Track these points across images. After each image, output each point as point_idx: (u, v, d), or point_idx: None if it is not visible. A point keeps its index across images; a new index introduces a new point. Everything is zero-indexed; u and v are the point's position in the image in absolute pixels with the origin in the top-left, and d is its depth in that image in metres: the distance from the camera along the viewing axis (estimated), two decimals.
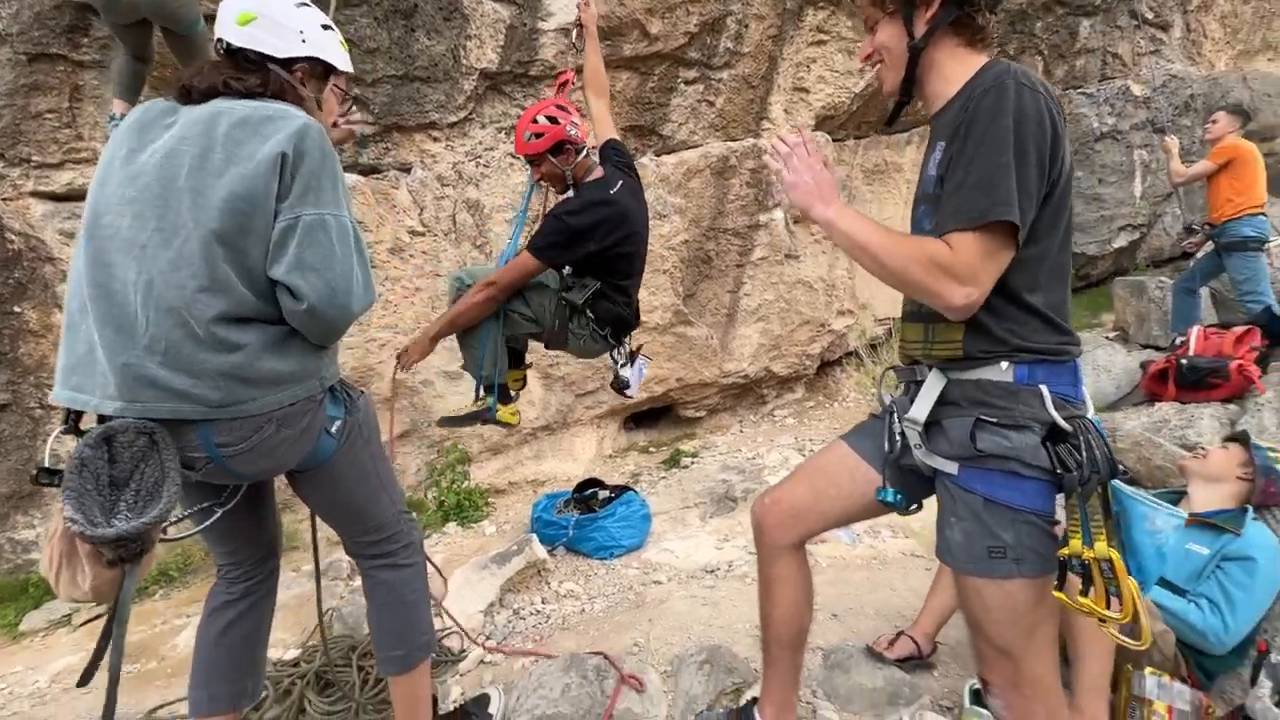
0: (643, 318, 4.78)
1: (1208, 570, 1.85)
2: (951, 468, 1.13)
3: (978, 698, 1.71)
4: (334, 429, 1.37)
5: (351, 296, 1.25)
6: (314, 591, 2.64)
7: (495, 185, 4.06)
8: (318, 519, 1.67)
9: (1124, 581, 0.95)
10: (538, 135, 2.20)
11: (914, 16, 1.14)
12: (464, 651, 2.34)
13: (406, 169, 3.86)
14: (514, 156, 4.13)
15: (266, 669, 2.23)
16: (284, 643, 2.56)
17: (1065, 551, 1.01)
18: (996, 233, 1.01)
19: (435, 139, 3.90)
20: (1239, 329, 3.75)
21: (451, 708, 1.96)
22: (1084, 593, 0.99)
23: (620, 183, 2.24)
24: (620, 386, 2.55)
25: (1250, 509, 1.94)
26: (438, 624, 2.58)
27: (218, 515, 1.39)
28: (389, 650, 1.55)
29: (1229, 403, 3.35)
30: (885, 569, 2.79)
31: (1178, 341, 4.00)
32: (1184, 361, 3.61)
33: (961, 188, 1.03)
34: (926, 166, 1.18)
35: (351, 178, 3.66)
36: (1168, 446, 2.58)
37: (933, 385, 1.16)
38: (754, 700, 1.57)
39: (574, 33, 2.63)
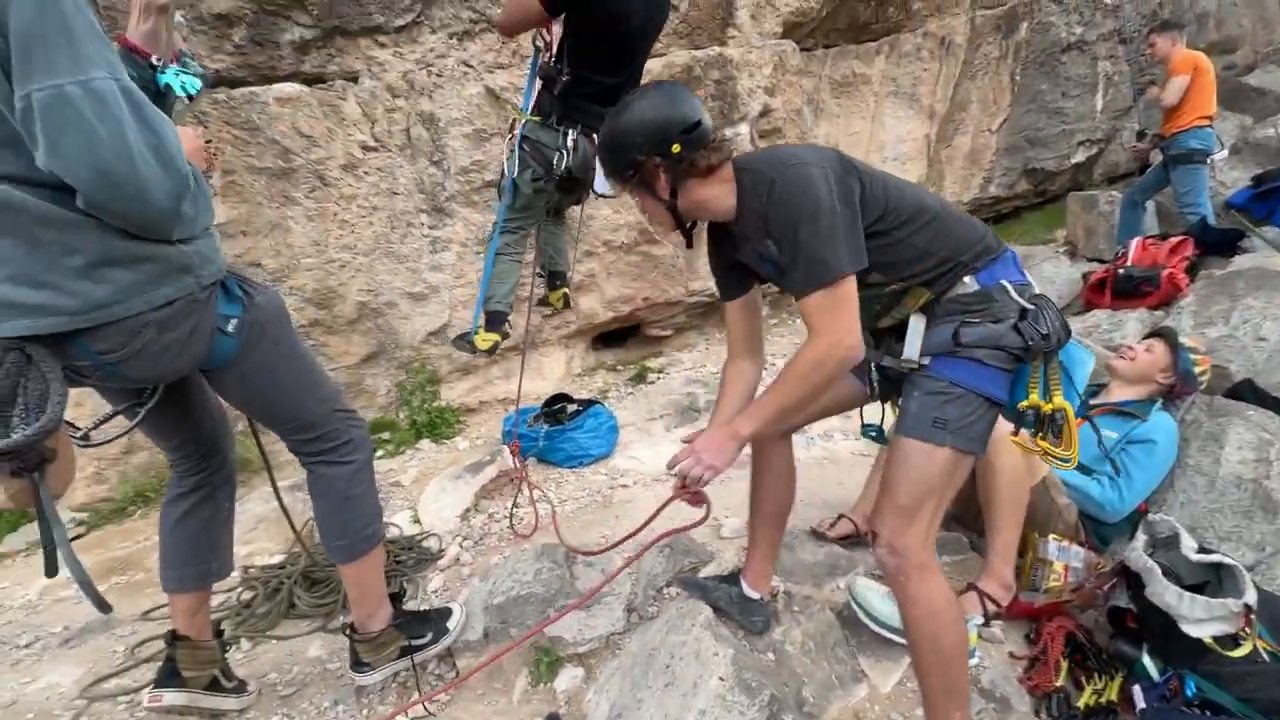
0: (608, 238, 4.76)
1: (1114, 451, 2.07)
2: (926, 360, 1.35)
3: None
4: (230, 328, 1.31)
5: (142, 184, 1.07)
6: (294, 505, 2.75)
7: (450, 97, 3.88)
8: (266, 435, 1.64)
9: (1073, 427, 1.21)
10: None
11: (654, 189, 1.39)
12: (441, 551, 2.50)
13: (353, 78, 3.65)
14: (467, 65, 3.94)
15: (255, 573, 2.36)
16: (269, 551, 2.68)
17: (1025, 404, 1.25)
18: (849, 278, 1.26)
19: (382, 45, 3.68)
20: (1175, 239, 3.94)
21: (423, 605, 2.12)
22: (1042, 437, 1.24)
23: None
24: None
25: (1159, 400, 2.15)
26: (416, 530, 2.73)
27: (141, 415, 1.39)
28: (332, 540, 1.61)
29: (1158, 309, 3.58)
30: (836, 467, 3.01)
31: (1119, 253, 4.20)
32: (1121, 271, 3.81)
33: (806, 259, 1.26)
34: (768, 256, 1.37)
35: (294, 87, 3.46)
36: (1096, 349, 2.78)
37: (917, 326, 1.37)
38: (738, 569, 1.80)
39: None
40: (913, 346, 1.36)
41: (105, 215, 1.11)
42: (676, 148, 1.35)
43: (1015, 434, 1.30)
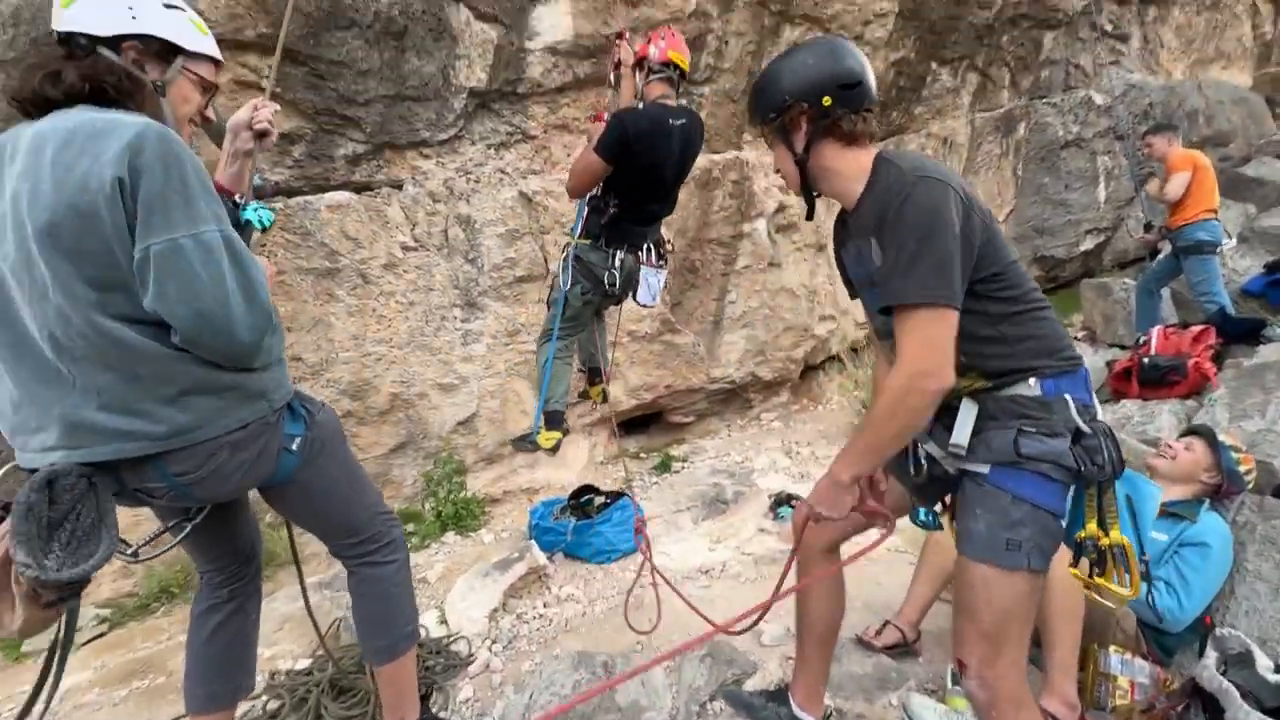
0: (632, 327, 4.89)
1: (1166, 555, 2.00)
2: (984, 468, 1.28)
3: (958, 679, 1.84)
4: (294, 446, 1.38)
5: (231, 322, 1.18)
6: (321, 604, 2.71)
7: (485, 200, 4.15)
8: (294, 532, 1.70)
9: (1134, 564, 1.16)
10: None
11: (791, 139, 1.35)
12: (471, 656, 2.42)
13: (398, 186, 3.93)
14: (503, 172, 4.23)
15: (281, 679, 2.31)
16: (292, 654, 2.61)
17: (1083, 534, 1.20)
18: (951, 311, 1.19)
19: (426, 156, 3.98)
20: (1196, 328, 3.98)
21: (453, 714, 2.05)
22: (1100, 573, 1.19)
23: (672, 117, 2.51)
24: (634, 297, 2.73)
25: (1206, 500, 2.11)
26: (443, 631, 2.66)
27: (188, 530, 1.43)
28: (374, 641, 1.62)
29: (1187, 399, 3.56)
30: (872, 565, 2.90)
31: (1141, 341, 4.23)
32: (1146, 360, 3.83)
33: (913, 273, 1.18)
34: (864, 260, 1.32)
35: (344, 195, 3.73)
36: (1130, 442, 2.75)
37: (968, 411, 1.30)
38: (785, 686, 1.72)
39: (610, 77, 2.80)
40: (962, 433, 1.29)
41: (197, 349, 1.21)
42: (828, 100, 1.28)
43: (1074, 565, 1.25)
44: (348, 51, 3.51)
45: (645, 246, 2.67)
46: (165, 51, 1.32)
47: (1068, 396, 1.25)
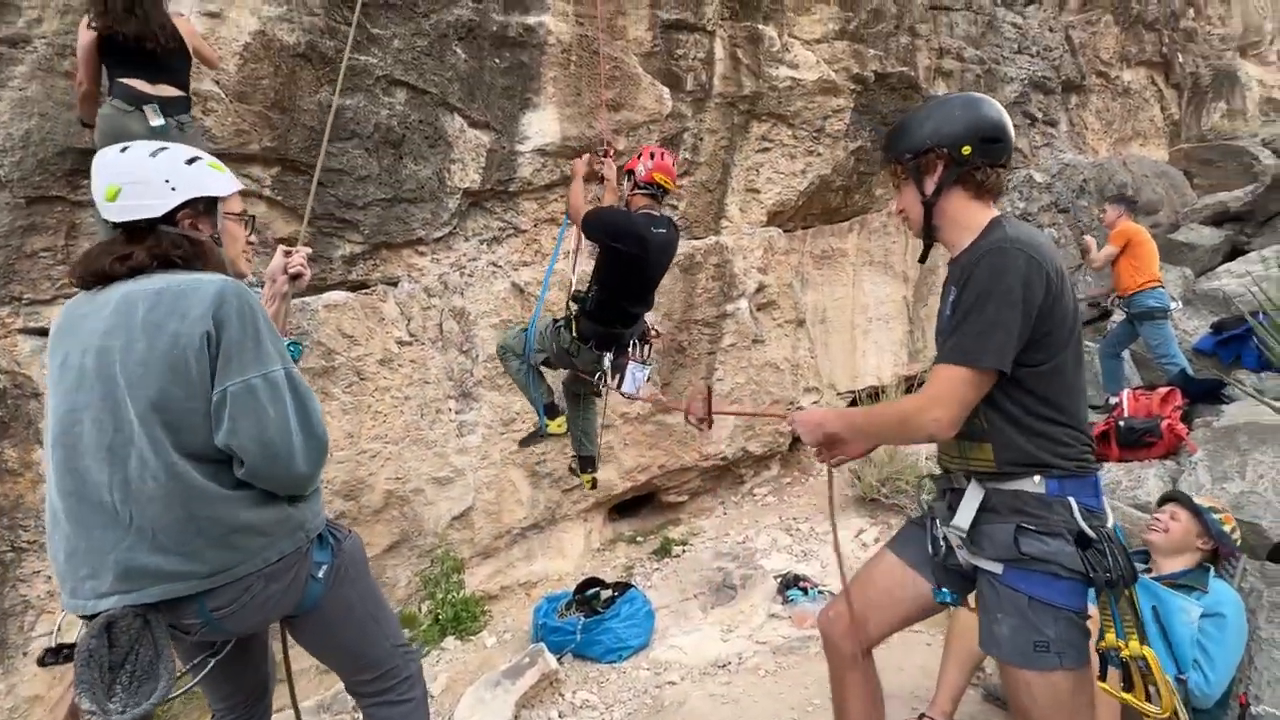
0: (624, 409, 4.93)
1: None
2: (996, 567, 1.29)
3: None
4: (320, 574, 1.40)
5: (292, 453, 1.27)
6: None
7: (479, 293, 4.24)
8: (290, 665, 1.66)
9: (1160, 679, 1.13)
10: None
11: (923, 181, 1.39)
12: None
13: (394, 283, 4.00)
14: (495, 265, 4.36)
15: None
16: None
17: (1103, 645, 1.19)
18: (985, 375, 1.24)
19: (421, 253, 4.08)
20: (1163, 390, 4.20)
21: None
22: (1126, 688, 1.16)
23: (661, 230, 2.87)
24: (618, 388, 3.05)
25: (1210, 567, 2.18)
26: None
27: (211, 665, 1.41)
28: None
29: (1166, 459, 3.71)
30: (890, 649, 2.87)
31: (1111, 402, 4.44)
32: (1121, 423, 4.01)
33: (961, 331, 1.26)
34: (944, 308, 1.40)
35: (340, 294, 3.77)
36: (1124, 509, 2.85)
37: (973, 496, 1.33)
38: None
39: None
40: (964, 516, 1.32)
41: (259, 480, 1.26)
42: (968, 150, 1.31)
43: (1102, 677, 1.24)
44: (348, 160, 3.66)
45: (629, 345, 2.96)
46: (209, 206, 1.40)
47: (1071, 499, 1.26)
